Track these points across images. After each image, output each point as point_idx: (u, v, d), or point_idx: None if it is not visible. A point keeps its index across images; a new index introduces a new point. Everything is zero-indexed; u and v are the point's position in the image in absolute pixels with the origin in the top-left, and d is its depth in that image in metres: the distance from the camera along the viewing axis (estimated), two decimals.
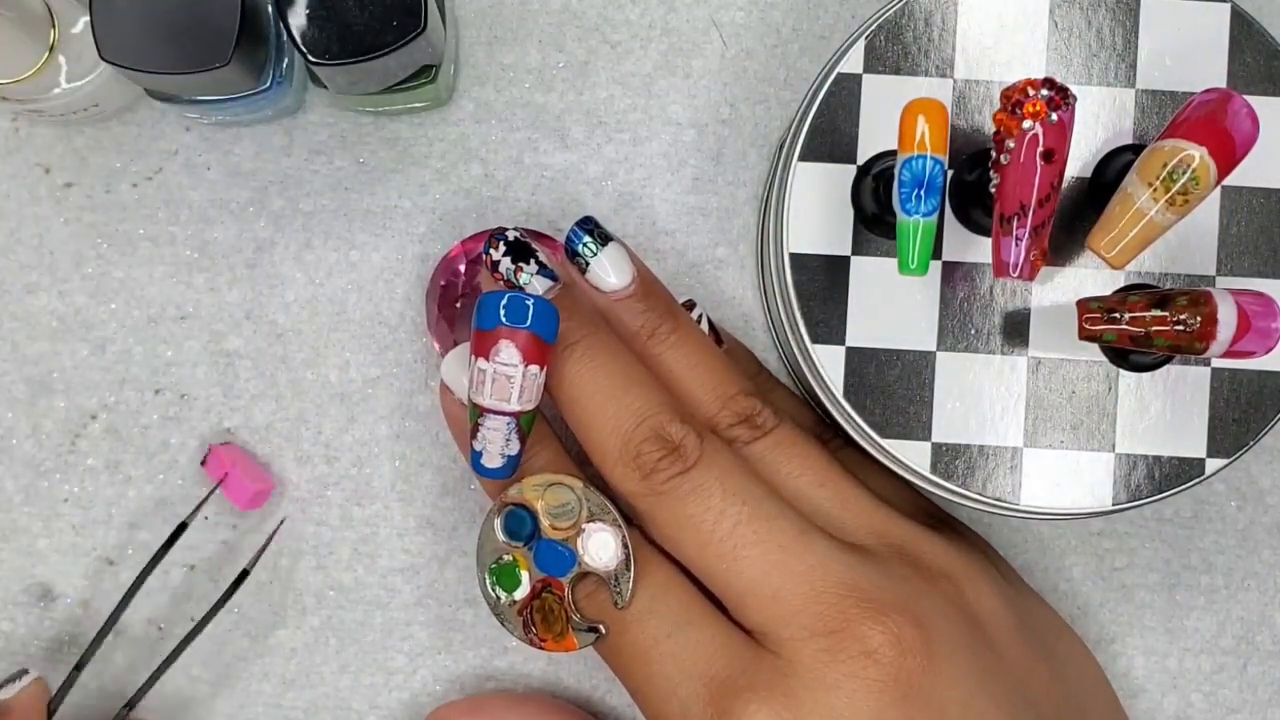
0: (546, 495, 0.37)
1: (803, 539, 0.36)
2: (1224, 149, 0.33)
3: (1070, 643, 0.41)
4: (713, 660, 0.35)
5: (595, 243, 0.39)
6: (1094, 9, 0.38)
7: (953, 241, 0.38)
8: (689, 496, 0.36)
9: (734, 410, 0.38)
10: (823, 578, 0.35)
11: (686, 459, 0.36)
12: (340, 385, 0.44)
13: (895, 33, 0.38)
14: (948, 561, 0.37)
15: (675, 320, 0.39)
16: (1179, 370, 0.37)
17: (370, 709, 0.44)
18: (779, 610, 0.35)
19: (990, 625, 0.37)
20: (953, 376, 0.37)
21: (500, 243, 0.38)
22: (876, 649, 0.34)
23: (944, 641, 0.35)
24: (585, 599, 0.37)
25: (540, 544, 0.37)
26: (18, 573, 0.44)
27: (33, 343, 0.44)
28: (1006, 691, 0.36)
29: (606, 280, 0.39)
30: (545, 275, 0.38)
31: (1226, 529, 0.44)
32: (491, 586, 0.38)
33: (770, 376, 0.43)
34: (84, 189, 0.44)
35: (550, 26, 0.44)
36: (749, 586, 0.35)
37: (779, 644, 0.35)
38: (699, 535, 0.36)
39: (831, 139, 0.38)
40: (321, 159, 0.44)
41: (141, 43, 0.37)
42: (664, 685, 0.36)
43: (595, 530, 0.36)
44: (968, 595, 0.37)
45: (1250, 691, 0.44)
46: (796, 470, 0.38)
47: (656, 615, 0.36)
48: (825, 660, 0.34)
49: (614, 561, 0.36)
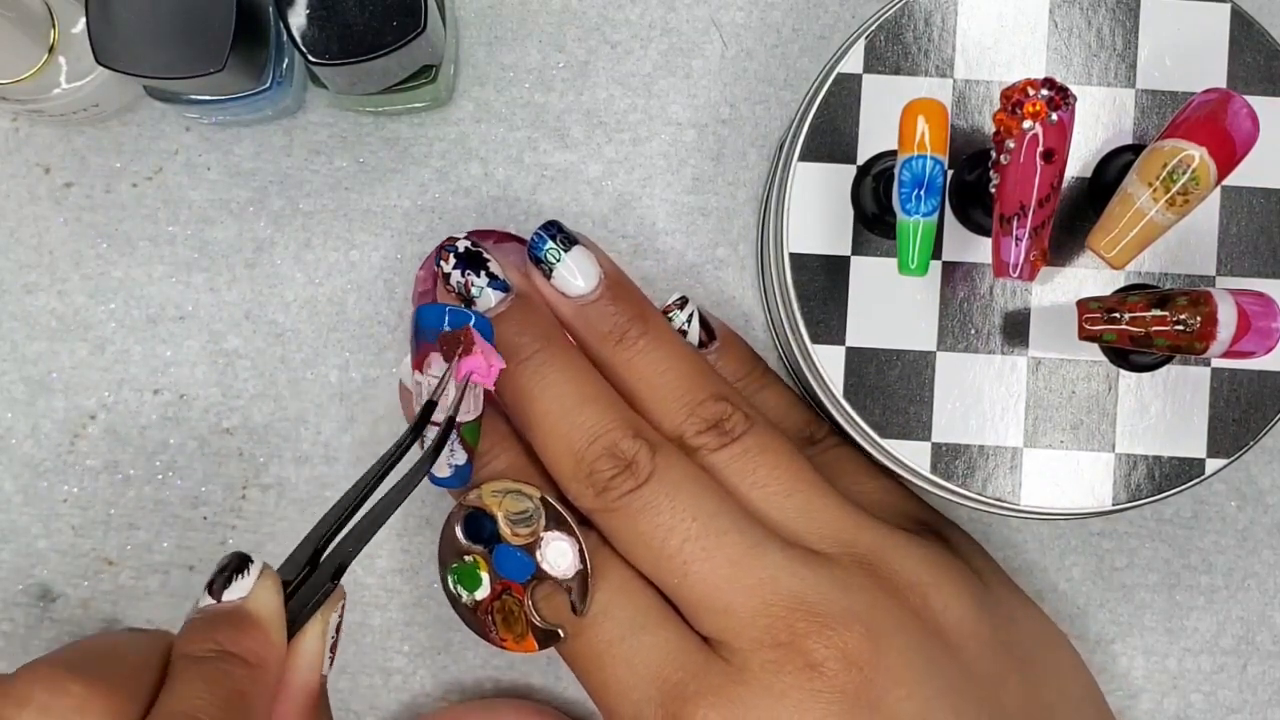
0: (505, 502, 0.37)
1: (753, 552, 0.36)
2: (1224, 149, 0.33)
3: (1058, 654, 0.40)
4: (665, 664, 0.36)
5: (559, 247, 0.38)
6: (1094, 9, 0.38)
7: (953, 241, 0.38)
8: (640, 514, 0.36)
9: (702, 417, 0.38)
10: (773, 591, 0.35)
11: (638, 475, 0.36)
12: (340, 385, 0.44)
13: (895, 33, 0.38)
14: (916, 571, 0.37)
15: (645, 323, 0.39)
16: (1179, 370, 0.37)
17: (369, 709, 0.44)
18: (729, 623, 0.35)
19: (957, 636, 0.37)
20: (953, 376, 0.37)
21: (450, 254, 0.38)
22: (822, 662, 0.35)
23: (898, 653, 0.35)
24: (544, 601, 0.37)
25: (500, 549, 0.37)
26: (18, 573, 0.44)
27: (32, 342, 0.44)
28: (969, 703, 0.36)
29: (573, 284, 0.38)
30: (496, 287, 0.38)
31: (1226, 529, 0.44)
32: (453, 585, 0.38)
33: (765, 372, 0.42)
34: (84, 189, 0.44)
35: (550, 26, 0.44)
36: (699, 600, 0.36)
37: (730, 652, 0.35)
38: (650, 551, 0.36)
39: (831, 139, 0.38)
40: (321, 159, 0.44)
41: (138, 46, 0.37)
42: (617, 688, 0.36)
43: (553, 539, 0.37)
44: (934, 605, 0.37)
45: (1250, 691, 0.44)
46: (764, 479, 0.37)
47: (612, 619, 0.36)
48: (773, 671, 0.35)
49: (571, 570, 0.36)
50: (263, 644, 0.31)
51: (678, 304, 0.41)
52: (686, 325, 0.41)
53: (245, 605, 0.32)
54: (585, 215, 0.44)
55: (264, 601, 0.32)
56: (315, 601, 0.33)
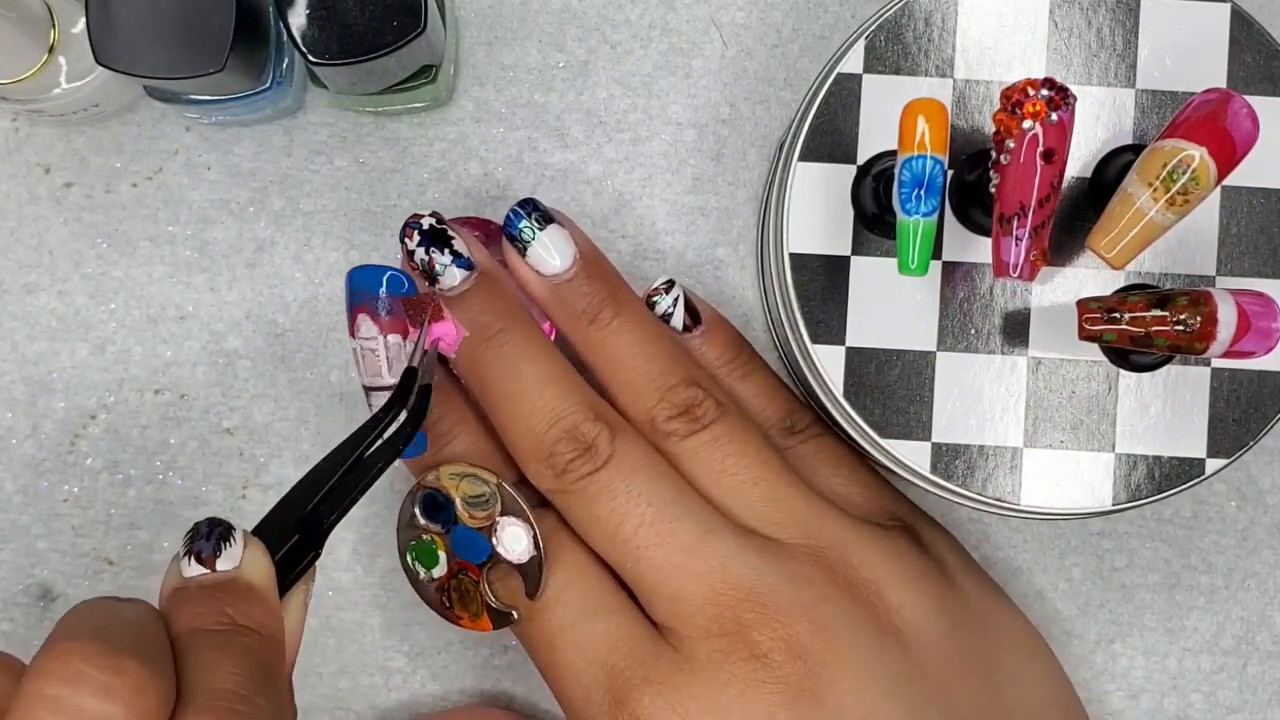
0: (463, 485, 0.37)
1: (706, 540, 0.36)
2: (1224, 149, 0.33)
3: (1026, 657, 0.40)
4: (614, 650, 0.36)
5: (534, 225, 0.38)
6: (1094, 9, 0.38)
7: (953, 241, 0.38)
8: (597, 497, 0.36)
9: (672, 402, 0.38)
10: (722, 579, 0.36)
11: (597, 459, 0.36)
12: (340, 385, 0.44)
13: (895, 33, 0.38)
14: (875, 566, 0.37)
15: (618, 305, 0.38)
16: (1179, 370, 0.37)
17: (369, 709, 0.44)
18: (678, 609, 0.36)
19: (911, 633, 0.37)
20: (953, 376, 0.37)
21: (414, 231, 0.38)
22: (767, 653, 0.35)
23: (846, 647, 0.35)
24: (499, 582, 0.38)
25: (457, 530, 0.37)
26: (18, 573, 0.44)
27: (32, 343, 0.44)
28: (917, 701, 0.36)
29: (549, 262, 0.38)
30: (460, 265, 0.38)
31: (1226, 529, 0.44)
32: (412, 562, 0.38)
33: (751, 358, 0.42)
34: (84, 189, 0.44)
35: (550, 26, 0.44)
36: (651, 585, 0.36)
37: (678, 640, 0.36)
38: (606, 534, 0.37)
39: (831, 139, 0.38)
40: (321, 159, 0.44)
41: (138, 46, 0.37)
42: (568, 671, 0.37)
43: (508, 524, 0.37)
44: (889, 602, 0.37)
45: (1250, 691, 0.44)
46: (731, 467, 0.38)
47: (564, 604, 0.37)
48: (719, 660, 0.35)
49: (525, 556, 0.37)
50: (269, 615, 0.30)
51: (664, 287, 0.40)
52: (672, 309, 0.40)
53: (245, 574, 0.30)
54: (585, 215, 0.44)
55: (260, 570, 0.30)
56: (297, 573, 0.32)
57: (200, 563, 0.30)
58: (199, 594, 0.30)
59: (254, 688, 0.28)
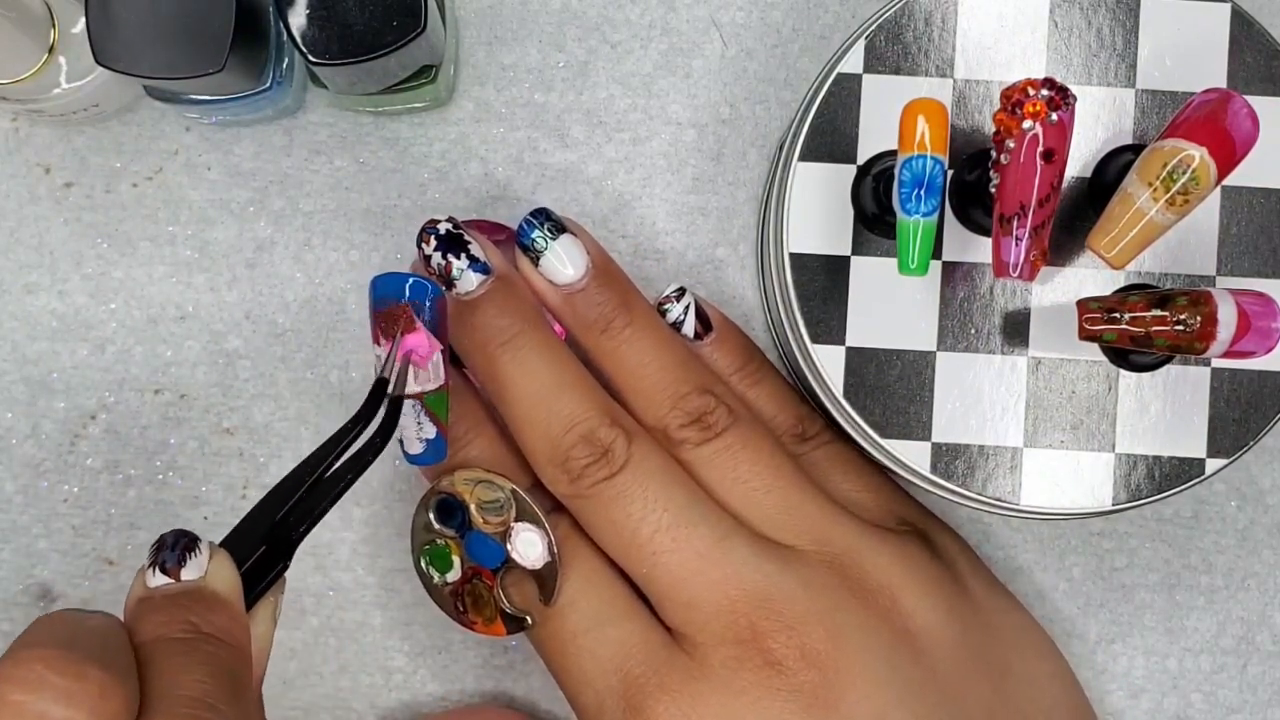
0: (477, 491, 0.37)
1: (721, 546, 0.36)
2: (1224, 149, 0.33)
3: (1037, 661, 0.40)
4: (628, 657, 0.36)
5: (547, 235, 0.38)
6: (1094, 9, 0.38)
7: (953, 241, 0.38)
8: (613, 501, 0.36)
9: (685, 410, 0.38)
10: (737, 586, 0.36)
11: (613, 464, 0.36)
12: (340, 385, 0.44)
13: (895, 33, 0.38)
14: (888, 571, 0.37)
15: (631, 313, 0.38)
16: (1179, 370, 0.37)
17: (370, 709, 0.44)
18: (693, 616, 0.36)
19: (925, 639, 0.37)
20: (953, 376, 0.37)
21: (431, 236, 0.38)
22: (781, 660, 0.35)
23: (859, 654, 0.35)
24: (513, 587, 0.38)
25: (472, 535, 0.37)
26: (18, 573, 0.44)
27: (32, 343, 0.44)
28: (930, 707, 0.36)
29: (562, 272, 0.38)
30: (477, 269, 0.38)
31: (1226, 529, 0.44)
32: (425, 565, 0.38)
33: (761, 365, 0.42)
34: (84, 189, 0.44)
35: (550, 26, 0.44)
36: (666, 591, 0.36)
37: (693, 647, 0.36)
38: (621, 539, 0.36)
39: (831, 139, 0.38)
40: (321, 159, 0.44)
41: (138, 46, 0.37)
42: (581, 677, 0.36)
43: (523, 530, 0.37)
44: (903, 607, 0.37)
45: (1250, 691, 0.44)
46: (745, 475, 0.38)
47: (578, 610, 0.37)
48: (733, 667, 0.35)
49: (540, 562, 0.37)
50: (235, 624, 0.30)
51: (675, 295, 0.40)
52: (683, 316, 0.40)
53: (210, 583, 0.30)
54: (585, 215, 0.44)
55: (226, 580, 0.30)
56: (265, 584, 0.31)
57: (165, 573, 0.30)
58: (163, 603, 0.29)
59: (219, 695, 0.28)
